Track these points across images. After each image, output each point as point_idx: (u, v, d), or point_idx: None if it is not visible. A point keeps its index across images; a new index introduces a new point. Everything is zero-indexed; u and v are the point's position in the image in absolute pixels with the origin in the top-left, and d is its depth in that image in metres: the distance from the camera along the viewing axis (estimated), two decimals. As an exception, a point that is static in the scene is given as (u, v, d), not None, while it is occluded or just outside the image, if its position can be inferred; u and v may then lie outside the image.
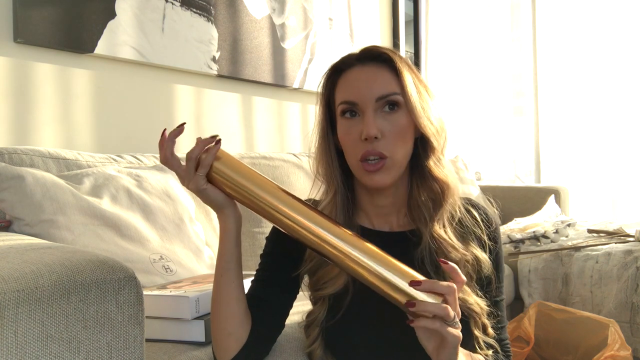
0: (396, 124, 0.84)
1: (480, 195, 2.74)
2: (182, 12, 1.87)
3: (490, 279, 0.91)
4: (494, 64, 3.18)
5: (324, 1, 2.52)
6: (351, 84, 0.86)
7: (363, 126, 0.83)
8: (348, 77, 0.88)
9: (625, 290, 1.70)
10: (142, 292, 0.68)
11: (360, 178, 0.87)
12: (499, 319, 0.92)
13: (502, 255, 0.95)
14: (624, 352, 1.47)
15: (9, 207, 1.15)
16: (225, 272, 0.82)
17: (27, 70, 1.51)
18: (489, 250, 0.91)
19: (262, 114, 2.25)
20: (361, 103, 0.84)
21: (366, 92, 0.84)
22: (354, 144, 0.85)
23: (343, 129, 0.87)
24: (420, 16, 3.27)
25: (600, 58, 2.82)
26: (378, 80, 0.85)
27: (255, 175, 0.80)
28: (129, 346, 0.66)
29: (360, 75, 0.87)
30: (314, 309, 0.90)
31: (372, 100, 0.84)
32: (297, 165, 1.92)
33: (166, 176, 1.45)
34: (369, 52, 0.89)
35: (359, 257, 0.75)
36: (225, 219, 0.82)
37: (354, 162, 0.86)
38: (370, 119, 0.83)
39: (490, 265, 0.90)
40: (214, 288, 0.84)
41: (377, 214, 0.93)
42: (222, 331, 0.82)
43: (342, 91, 0.88)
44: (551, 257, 1.91)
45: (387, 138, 0.83)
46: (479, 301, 0.86)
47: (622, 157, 2.79)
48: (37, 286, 0.59)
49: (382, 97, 0.84)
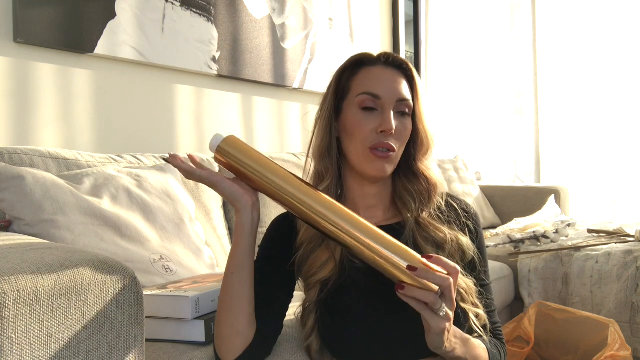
0: (405, 126, 0.92)
1: (480, 195, 2.74)
2: (182, 12, 1.87)
3: (475, 264, 0.94)
4: (494, 64, 3.18)
5: (324, 1, 2.52)
6: (377, 79, 0.92)
7: (382, 121, 0.89)
8: (373, 72, 0.93)
9: (625, 290, 1.70)
10: (142, 292, 0.68)
11: (363, 165, 0.91)
12: (488, 303, 0.95)
13: (483, 242, 1.00)
14: (624, 352, 1.47)
15: (9, 207, 1.15)
16: (239, 269, 0.83)
17: (27, 70, 1.51)
18: (470, 231, 0.96)
19: (262, 114, 2.25)
20: (384, 99, 0.90)
21: (391, 91, 0.91)
22: (366, 133, 0.90)
23: (357, 118, 0.91)
24: (420, 16, 3.27)
25: (600, 58, 2.82)
26: (400, 84, 0.93)
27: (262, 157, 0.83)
28: (129, 346, 0.66)
29: (385, 73, 0.93)
30: (306, 296, 0.92)
31: (394, 99, 0.91)
32: (297, 165, 1.92)
33: (166, 176, 1.45)
34: (394, 58, 0.96)
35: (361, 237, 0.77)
36: (240, 213, 0.83)
37: (361, 149, 0.90)
38: (390, 115, 0.90)
39: (473, 248, 0.94)
40: (224, 286, 0.84)
41: (365, 206, 0.96)
42: (231, 329, 0.82)
43: (364, 83, 0.92)
44: (551, 257, 1.91)
45: (397, 137, 0.91)
46: (465, 279, 0.89)
47: (622, 157, 2.79)
48: (37, 286, 0.59)
49: (402, 99, 0.91)
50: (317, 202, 0.79)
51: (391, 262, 0.75)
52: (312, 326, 0.90)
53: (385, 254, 0.75)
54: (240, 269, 0.83)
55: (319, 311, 0.88)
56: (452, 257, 0.91)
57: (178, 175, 1.53)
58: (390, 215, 0.97)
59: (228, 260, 0.84)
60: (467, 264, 0.93)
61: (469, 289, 0.89)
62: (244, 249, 0.83)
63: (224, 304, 0.83)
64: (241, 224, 0.83)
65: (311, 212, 0.79)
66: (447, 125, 3.23)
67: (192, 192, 1.57)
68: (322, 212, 0.78)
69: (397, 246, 0.76)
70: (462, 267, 0.91)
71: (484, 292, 0.94)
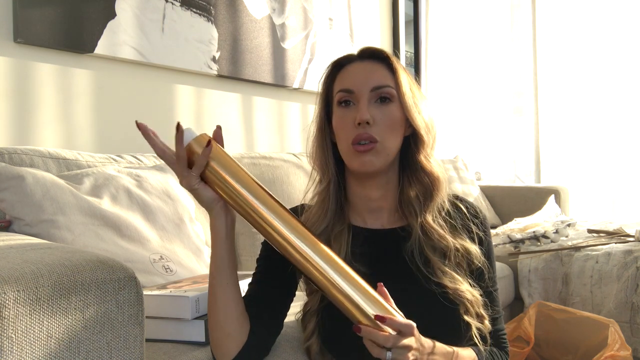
0: (388, 114, 0.90)
1: (480, 195, 2.74)
2: (182, 12, 1.87)
3: (482, 270, 0.93)
4: (494, 64, 3.18)
5: (324, 1, 2.52)
6: (350, 75, 0.93)
7: (357, 112, 0.88)
8: (347, 70, 0.94)
9: (625, 290, 1.70)
10: (142, 292, 0.68)
11: (350, 162, 0.90)
12: (494, 310, 0.94)
13: (492, 247, 0.98)
14: (624, 352, 1.47)
15: (9, 207, 1.15)
16: (218, 273, 0.82)
17: (27, 70, 1.51)
18: (479, 240, 0.94)
19: (262, 114, 2.25)
20: (357, 91, 0.90)
21: (363, 82, 0.90)
22: (347, 129, 0.89)
23: (338, 116, 0.92)
24: (420, 16, 3.27)
25: (600, 58, 2.82)
26: (375, 73, 0.91)
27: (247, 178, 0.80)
28: (129, 346, 0.66)
29: (358, 68, 0.93)
30: (308, 300, 0.92)
31: (368, 89, 0.90)
32: (297, 165, 1.92)
33: (166, 176, 1.45)
34: (368, 49, 0.96)
35: (333, 277, 0.76)
36: (214, 218, 0.82)
37: (345, 147, 0.90)
38: (364, 105, 0.88)
39: (480, 255, 0.92)
40: (209, 290, 0.84)
41: (369, 210, 0.95)
42: (221, 332, 0.82)
43: (340, 82, 0.93)
44: (551, 257, 1.91)
45: (379, 125, 0.88)
46: (471, 290, 0.88)
47: (622, 157, 2.79)
48: (37, 286, 0.59)
49: (377, 87, 0.90)
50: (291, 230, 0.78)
51: (360, 308, 0.75)
52: (312, 330, 0.89)
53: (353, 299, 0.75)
54: (221, 274, 0.82)
55: (320, 316, 0.88)
56: (458, 266, 0.90)
57: (178, 175, 1.53)
58: (395, 218, 0.95)
59: (210, 266, 0.84)
60: (474, 271, 0.92)
61: (475, 300, 0.88)
62: (222, 254, 0.82)
63: (211, 309, 0.83)
64: (215, 229, 0.82)
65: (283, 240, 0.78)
66: (447, 125, 3.23)
67: (192, 192, 1.57)
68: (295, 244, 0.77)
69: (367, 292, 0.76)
70: (468, 276, 0.90)
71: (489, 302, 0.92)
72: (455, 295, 0.86)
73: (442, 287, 0.86)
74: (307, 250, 0.77)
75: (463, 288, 0.87)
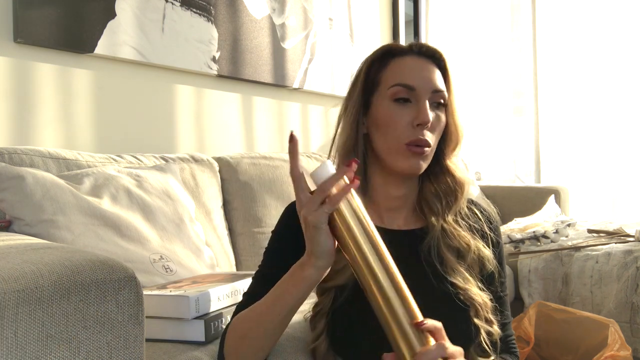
0: (439, 120, 0.88)
1: (480, 195, 2.74)
2: (182, 12, 1.87)
3: (494, 275, 0.91)
4: (494, 64, 3.18)
5: (324, 1, 2.52)
6: (409, 69, 0.88)
7: (418, 113, 0.85)
8: (405, 62, 0.89)
9: (625, 290, 1.70)
10: (142, 292, 0.68)
11: (397, 161, 0.86)
12: (504, 315, 0.93)
13: (504, 253, 0.97)
14: (624, 352, 1.47)
15: (9, 207, 1.15)
16: (288, 312, 0.77)
17: (27, 70, 1.51)
18: (492, 244, 0.92)
19: (262, 114, 2.24)
20: (419, 90, 0.86)
21: (426, 82, 0.86)
22: (401, 128, 0.85)
23: (390, 112, 0.87)
24: (420, 16, 3.27)
25: (600, 58, 2.82)
26: (434, 74, 0.88)
27: (372, 233, 0.71)
28: (129, 346, 0.66)
29: (418, 64, 0.88)
30: (319, 300, 0.89)
31: (429, 90, 0.86)
32: (297, 165, 1.91)
33: (166, 176, 1.45)
34: (424, 45, 0.92)
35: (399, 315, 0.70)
36: (319, 269, 0.73)
37: (395, 145, 0.86)
38: (426, 107, 0.85)
39: (493, 260, 0.91)
40: (265, 316, 0.78)
41: (388, 209, 0.92)
42: (255, 355, 0.80)
43: (397, 74, 0.88)
44: (551, 257, 1.91)
45: (432, 130, 0.86)
46: (481, 293, 0.86)
47: (622, 157, 2.79)
48: (37, 286, 0.59)
49: (437, 90, 0.87)
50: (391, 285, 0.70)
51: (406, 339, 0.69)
52: (321, 330, 0.87)
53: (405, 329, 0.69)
54: (289, 315, 0.78)
55: (331, 316, 0.86)
56: (471, 268, 0.88)
57: (178, 175, 1.53)
58: (413, 219, 0.93)
59: (276, 297, 0.77)
60: (485, 276, 0.91)
61: (485, 305, 0.86)
62: (301, 298, 0.76)
63: (255, 330, 0.78)
64: (310, 278, 0.73)
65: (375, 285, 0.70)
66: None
67: (192, 192, 1.57)
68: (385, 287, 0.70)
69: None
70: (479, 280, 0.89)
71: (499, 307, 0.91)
72: (466, 297, 0.85)
73: (455, 287, 0.85)
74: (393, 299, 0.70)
75: (474, 291, 0.85)
